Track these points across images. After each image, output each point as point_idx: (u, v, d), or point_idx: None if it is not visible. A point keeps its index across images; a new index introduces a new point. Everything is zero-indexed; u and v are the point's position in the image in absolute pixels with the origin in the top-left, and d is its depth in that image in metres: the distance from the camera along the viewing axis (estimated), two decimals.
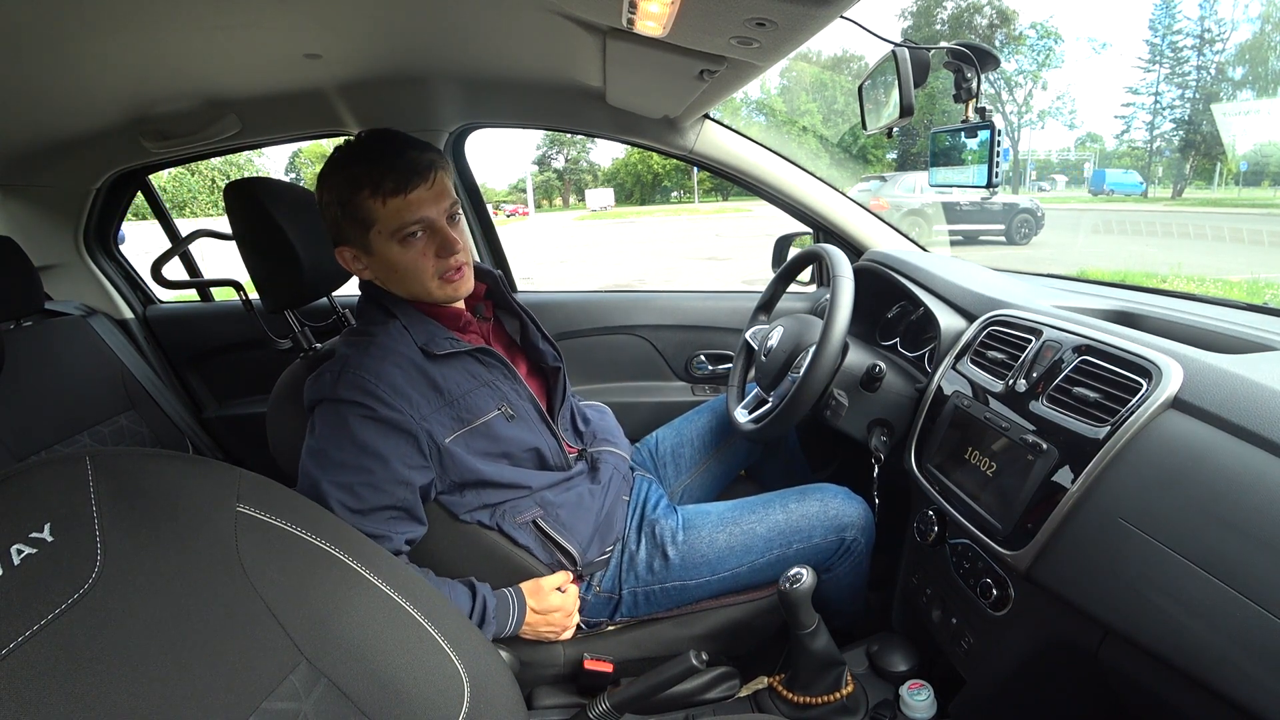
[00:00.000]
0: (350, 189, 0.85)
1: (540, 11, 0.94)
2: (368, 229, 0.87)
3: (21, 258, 1.40)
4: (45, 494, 0.46)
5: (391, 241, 0.87)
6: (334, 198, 0.87)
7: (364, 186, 0.85)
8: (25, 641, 0.40)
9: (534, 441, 0.98)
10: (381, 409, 0.84)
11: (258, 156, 24.03)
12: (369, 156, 0.86)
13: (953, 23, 29.13)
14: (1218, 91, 24.92)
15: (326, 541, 0.60)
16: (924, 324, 1.19)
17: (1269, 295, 6.89)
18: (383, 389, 0.84)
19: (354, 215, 0.86)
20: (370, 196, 0.85)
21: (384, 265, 0.90)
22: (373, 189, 0.84)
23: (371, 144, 0.87)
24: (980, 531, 0.81)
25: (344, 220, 0.87)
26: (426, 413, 0.88)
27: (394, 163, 0.85)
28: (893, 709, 0.92)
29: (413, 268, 0.89)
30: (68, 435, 1.42)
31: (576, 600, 1.00)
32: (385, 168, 0.84)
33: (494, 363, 0.97)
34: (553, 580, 0.96)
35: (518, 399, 0.98)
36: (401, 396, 0.86)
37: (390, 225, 0.86)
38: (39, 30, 0.88)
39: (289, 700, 0.50)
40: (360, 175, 0.85)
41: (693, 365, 1.72)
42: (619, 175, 40.36)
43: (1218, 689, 0.54)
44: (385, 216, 0.86)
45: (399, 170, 0.85)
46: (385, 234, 0.87)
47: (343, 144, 0.90)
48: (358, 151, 0.87)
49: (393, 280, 0.92)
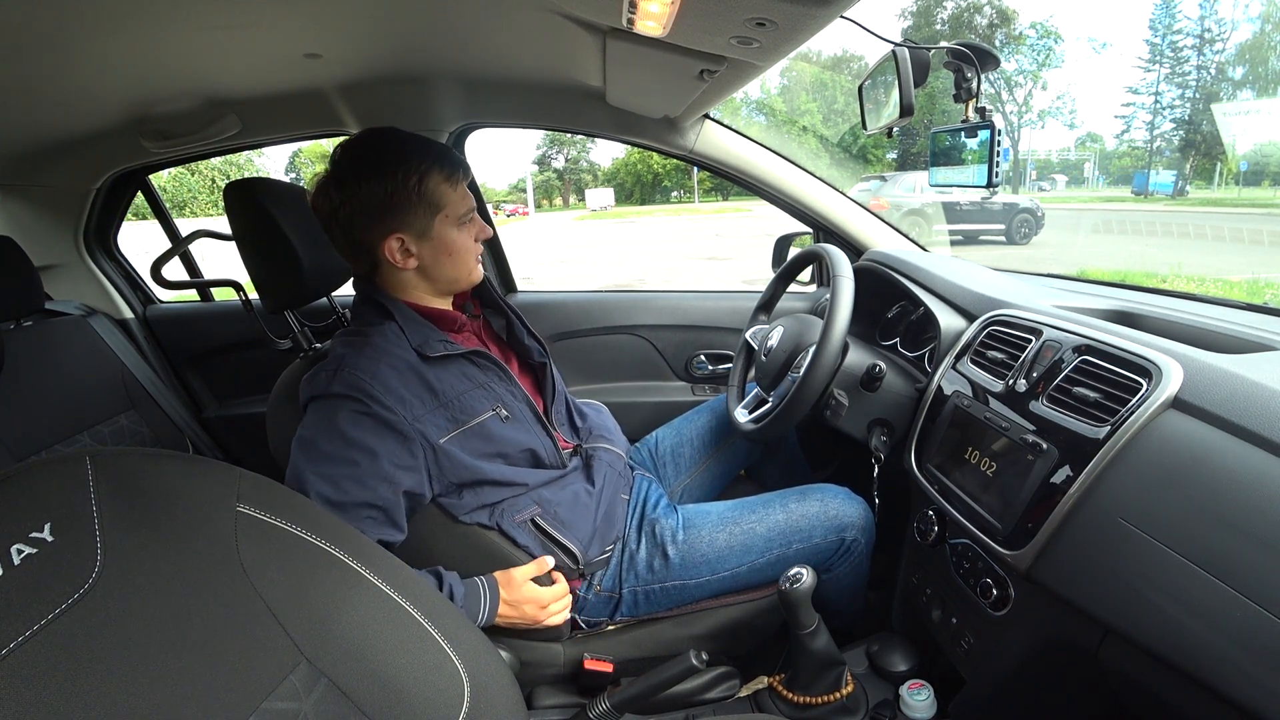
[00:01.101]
0: (424, 177, 0.89)
1: (540, 11, 0.94)
2: (436, 213, 0.92)
3: (21, 258, 1.40)
4: (45, 494, 0.46)
5: (454, 225, 0.94)
6: (396, 184, 0.89)
7: (438, 173, 0.90)
8: (25, 641, 0.40)
9: (529, 442, 0.98)
10: (375, 406, 0.84)
11: (258, 156, 24.01)
12: (432, 149, 0.91)
13: (953, 23, 29.13)
14: (1218, 91, 24.92)
15: (326, 541, 0.60)
16: (924, 324, 1.19)
17: (1269, 295, 6.90)
18: (377, 388, 0.85)
19: (427, 199, 0.90)
20: (444, 181, 0.91)
21: (440, 249, 0.94)
22: (447, 174, 0.91)
23: (423, 141, 0.93)
24: (980, 531, 0.81)
25: (409, 205, 0.90)
26: (420, 413, 0.88)
27: (453, 155, 0.94)
28: (893, 709, 0.92)
29: (466, 249, 0.96)
30: (68, 435, 1.42)
31: (559, 595, 0.96)
32: (452, 161, 0.92)
33: (488, 364, 0.98)
34: (525, 571, 0.94)
35: (512, 400, 0.98)
36: (395, 397, 0.86)
37: (459, 209, 0.94)
38: (39, 30, 0.88)
39: (289, 700, 0.50)
40: (432, 165, 0.90)
41: (693, 365, 1.72)
42: (619, 175, 40.37)
43: (1218, 689, 0.54)
44: (455, 201, 0.93)
45: (457, 162, 0.93)
46: (452, 218, 0.93)
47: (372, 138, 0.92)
48: (407, 140, 0.91)
49: (441, 265, 0.95)
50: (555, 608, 0.96)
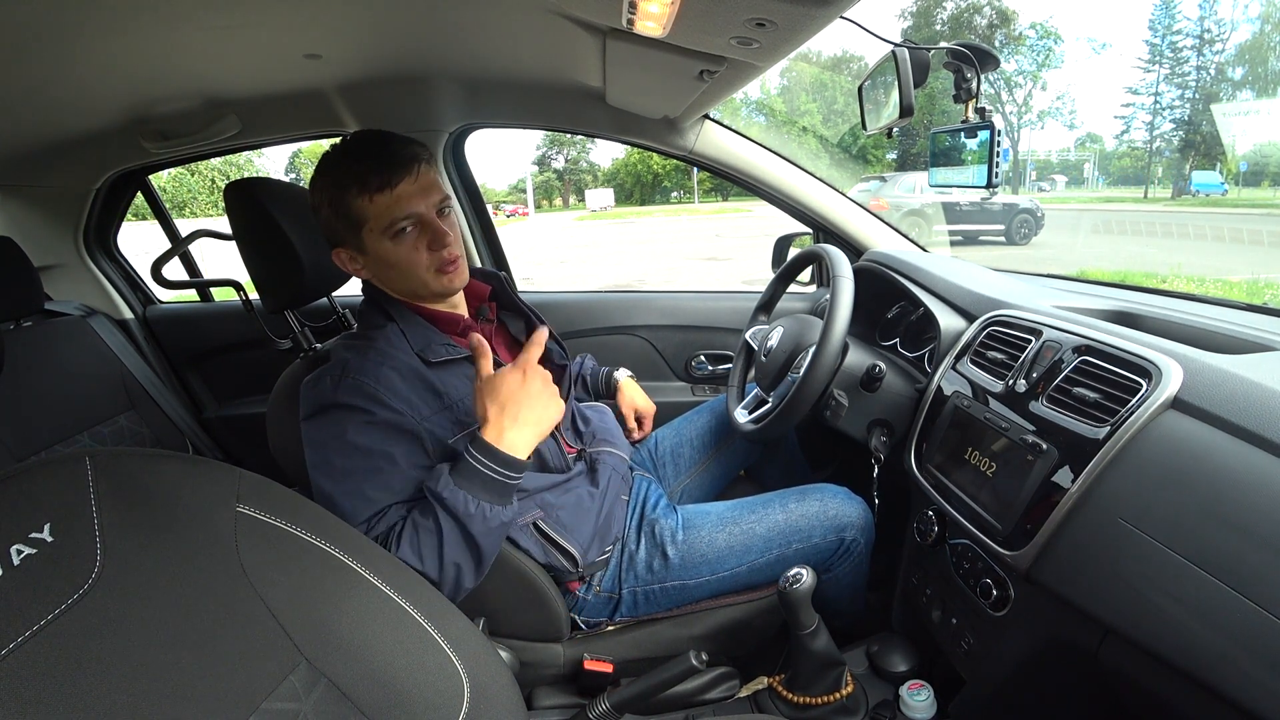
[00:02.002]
0: (338, 190, 0.86)
1: (540, 12, 0.94)
2: (359, 228, 0.87)
3: (21, 258, 1.40)
4: (45, 494, 0.46)
5: (384, 238, 0.87)
6: (324, 199, 0.87)
7: (351, 185, 0.85)
8: (25, 641, 0.40)
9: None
10: (382, 412, 0.83)
11: (258, 156, 24.00)
12: (352, 155, 0.86)
13: (953, 23, 29.14)
14: (1218, 91, 24.94)
15: (326, 541, 0.60)
16: (924, 324, 1.19)
17: (1269, 295, 6.90)
18: (382, 391, 0.84)
19: (345, 215, 0.87)
20: (358, 195, 0.85)
21: (379, 263, 0.90)
22: (360, 187, 0.85)
23: (355, 144, 0.88)
24: (980, 532, 0.81)
25: (336, 222, 0.88)
26: (427, 414, 0.87)
27: (377, 159, 0.85)
28: (893, 709, 0.92)
29: (406, 262, 0.89)
30: (68, 435, 1.42)
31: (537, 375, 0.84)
32: (369, 165, 0.85)
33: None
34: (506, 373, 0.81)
35: None
36: (402, 399, 0.85)
37: (381, 222, 0.86)
38: (39, 30, 0.88)
39: (289, 700, 0.50)
40: (345, 175, 0.85)
41: (693, 365, 1.72)
42: (619, 175, 40.38)
43: (1218, 689, 0.54)
44: (375, 214, 0.86)
45: (383, 167, 0.85)
46: (377, 231, 0.87)
47: (329, 147, 0.90)
48: (342, 152, 0.87)
49: (390, 277, 0.92)
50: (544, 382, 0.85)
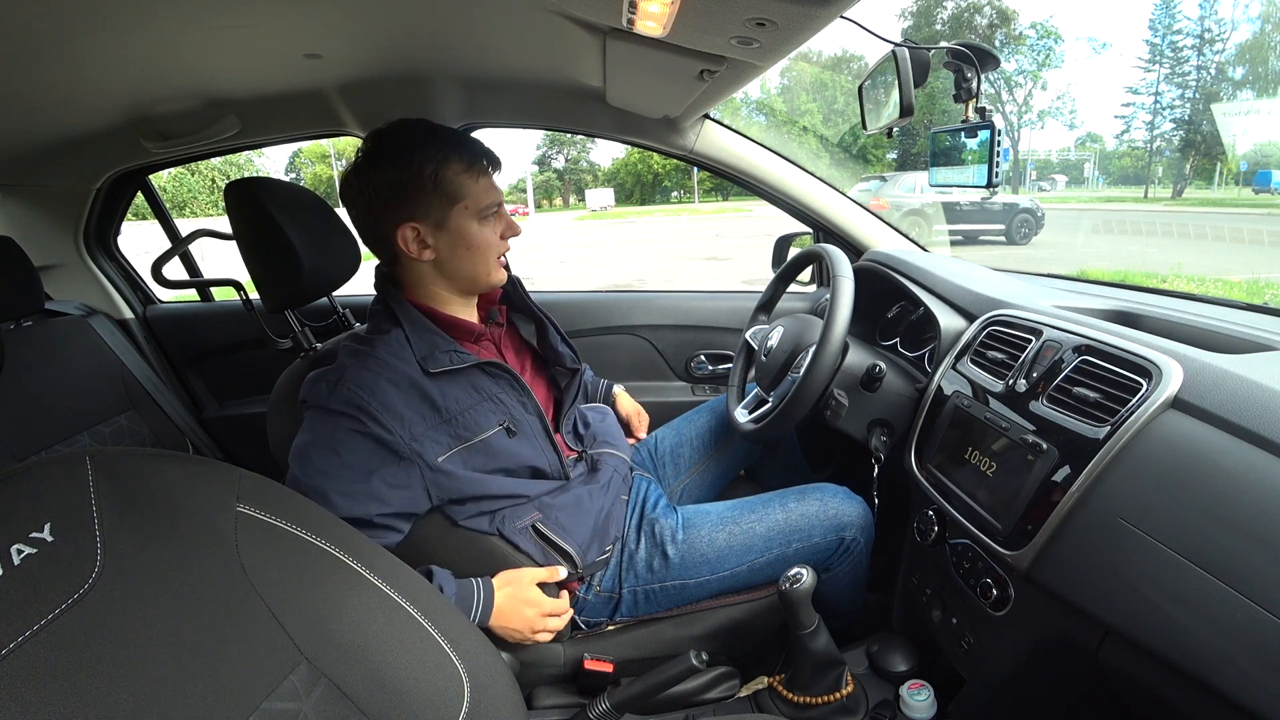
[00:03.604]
0: (440, 165, 0.87)
1: (540, 11, 0.94)
2: (454, 203, 0.89)
3: (21, 258, 1.40)
4: (45, 494, 0.46)
5: (473, 218, 0.91)
6: (413, 169, 0.87)
7: (458, 160, 0.88)
8: (25, 641, 0.40)
9: (532, 459, 0.97)
10: (372, 425, 0.83)
11: (258, 156, 24.03)
12: (452, 136, 0.89)
13: (953, 23, 29.14)
14: (1218, 91, 24.94)
15: (326, 541, 0.60)
16: (924, 324, 1.19)
17: (1269, 295, 6.90)
18: (375, 405, 0.83)
19: (442, 188, 0.88)
20: (464, 171, 0.89)
21: (457, 241, 0.91)
22: (468, 164, 0.89)
23: (449, 131, 0.91)
24: (980, 531, 0.81)
25: (425, 193, 0.88)
26: (420, 431, 0.86)
27: (478, 145, 0.91)
28: (893, 709, 0.92)
29: (486, 246, 0.93)
30: (68, 435, 1.42)
31: (560, 609, 0.94)
32: (475, 149, 0.89)
33: (500, 373, 0.96)
34: (536, 574, 0.91)
35: (523, 412, 0.97)
36: (394, 415, 0.84)
37: (479, 202, 0.91)
38: (39, 30, 0.88)
39: (289, 700, 0.50)
40: (451, 154, 0.88)
41: (693, 365, 1.72)
42: (619, 175, 40.38)
43: (1218, 689, 0.54)
44: (476, 193, 0.90)
45: (485, 153, 0.91)
46: (471, 210, 0.90)
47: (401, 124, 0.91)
48: (432, 130, 0.90)
49: (458, 259, 0.93)
50: (552, 622, 0.93)
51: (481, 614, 0.87)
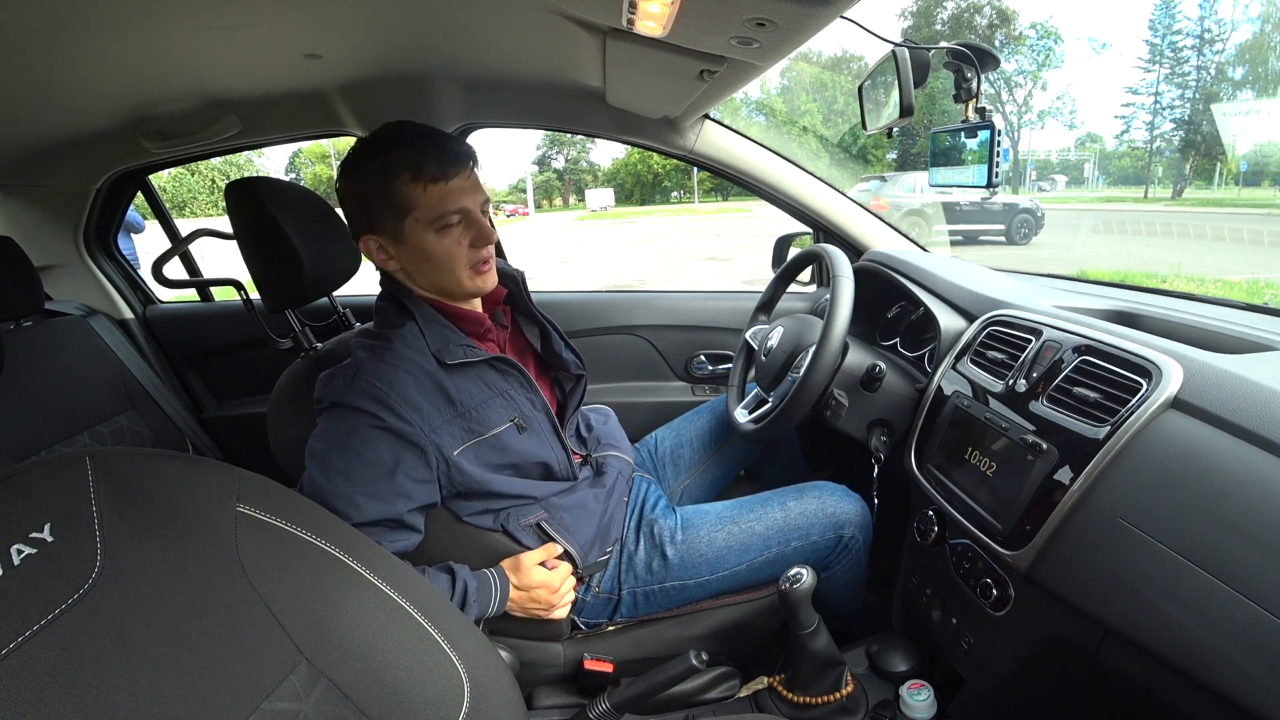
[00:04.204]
0: (387, 174, 0.84)
1: (540, 11, 0.94)
2: (404, 215, 0.85)
3: (21, 258, 1.40)
4: (45, 494, 0.46)
5: (428, 229, 0.86)
6: (366, 183, 0.86)
7: (403, 171, 0.83)
8: (25, 641, 0.40)
9: (542, 455, 0.96)
10: (391, 419, 0.82)
11: (258, 156, 24.04)
12: (406, 142, 0.85)
13: (953, 23, 29.15)
14: (1218, 91, 24.95)
15: (326, 541, 0.60)
16: (924, 324, 1.19)
17: (1269, 295, 6.90)
18: (394, 398, 0.83)
19: (390, 201, 0.85)
20: (410, 182, 0.84)
21: (415, 254, 0.88)
22: (413, 174, 0.83)
23: (406, 132, 0.86)
24: (980, 531, 0.81)
25: (377, 206, 0.86)
26: (437, 424, 0.86)
27: (435, 150, 0.84)
28: (893, 709, 0.92)
29: (447, 257, 0.88)
30: (68, 435, 1.42)
31: (567, 579, 0.96)
32: (426, 154, 0.84)
33: (511, 371, 0.95)
34: (534, 555, 0.94)
35: (532, 409, 0.96)
36: (412, 407, 0.84)
37: (430, 212, 0.85)
38: (40, 30, 0.88)
39: (289, 700, 0.50)
40: (399, 160, 0.83)
41: (693, 365, 1.72)
42: (619, 175, 40.39)
43: (1218, 689, 0.54)
44: (425, 203, 0.85)
45: (440, 157, 0.84)
46: (423, 221, 0.86)
47: (374, 131, 0.88)
48: (393, 137, 0.86)
49: (421, 271, 0.90)
50: (565, 591, 0.96)
51: (499, 601, 0.91)
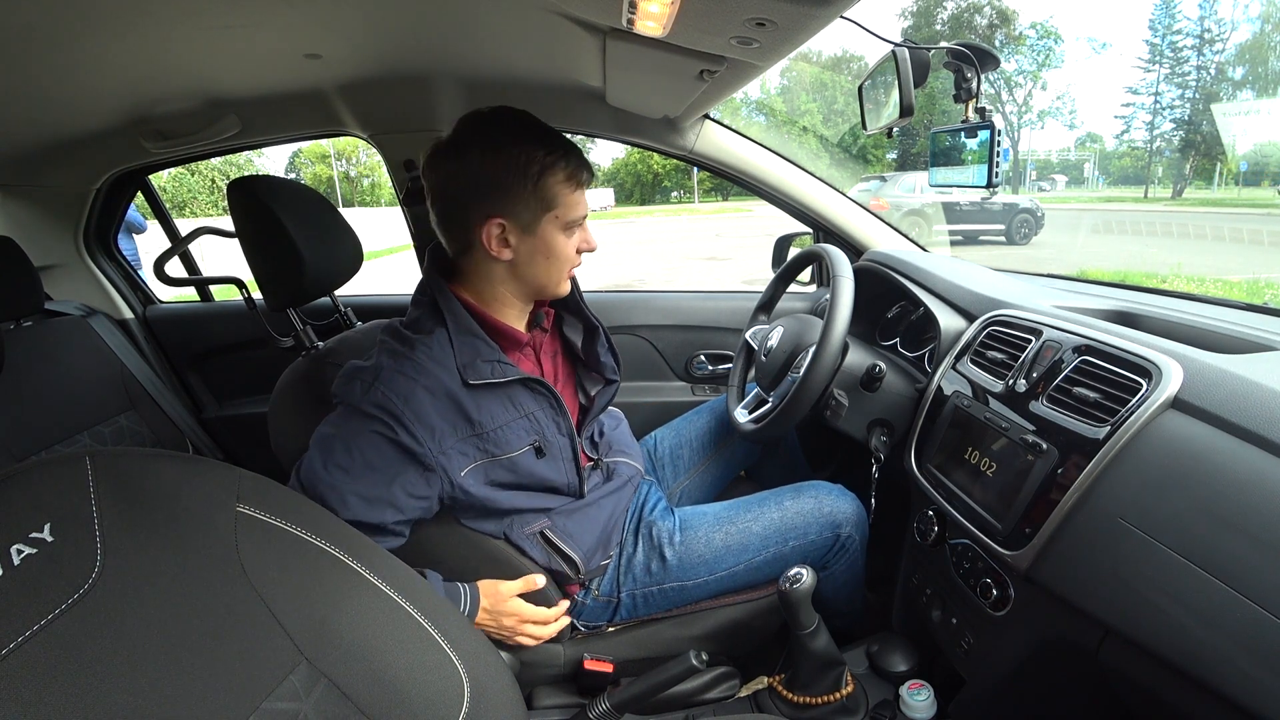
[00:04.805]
0: (545, 169, 0.85)
1: (540, 11, 0.94)
2: (546, 210, 0.87)
3: (21, 258, 1.40)
4: (45, 494, 0.46)
5: (560, 229, 0.89)
6: (516, 170, 0.84)
7: (561, 170, 0.86)
8: (25, 641, 0.40)
9: (554, 480, 0.95)
10: (402, 434, 0.81)
11: (258, 156, 24.02)
12: (561, 144, 0.87)
13: (953, 23, 29.15)
14: (1218, 91, 24.95)
15: (326, 541, 0.60)
16: (924, 324, 1.19)
17: (1269, 295, 6.91)
18: (408, 415, 0.81)
19: (539, 194, 0.86)
20: (564, 182, 0.87)
21: (539, 249, 0.89)
22: (568, 176, 0.87)
23: (553, 133, 0.88)
24: (980, 531, 0.81)
25: (521, 194, 0.85)
26: (449, 444, 0.84)
27: (578, 155, 0.89)
28: (893, 709, 0.92)
29: (564, 258, 0.92)
30: (68, 435, 1.42)
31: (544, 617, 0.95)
32: (579, 161, 0.88)
33: (543, 392, 0.92)
34: (511, 586, 0.92)
35: (556, 433, 0.94)
36: (424, 426, 0.82)
37: (570, 214, 0.89)
38: (40, 31, 0.88)
39: (289, 700, 0.50)
40: (558, 160, 0.86)
41: (693, 365, 1.72)
42: (619, 175, 40.36)
43: (1218, 689, 0.54)
44: (569, 204, 0.88)
45: (585, 164, 0.89)
46: (560, 221, 0.89)
47: (501, 115, 0.88)
48: (541, 130, 0.87)
49: (534, 265, 0.90)
50: (534, 630, 0.94)
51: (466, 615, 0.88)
